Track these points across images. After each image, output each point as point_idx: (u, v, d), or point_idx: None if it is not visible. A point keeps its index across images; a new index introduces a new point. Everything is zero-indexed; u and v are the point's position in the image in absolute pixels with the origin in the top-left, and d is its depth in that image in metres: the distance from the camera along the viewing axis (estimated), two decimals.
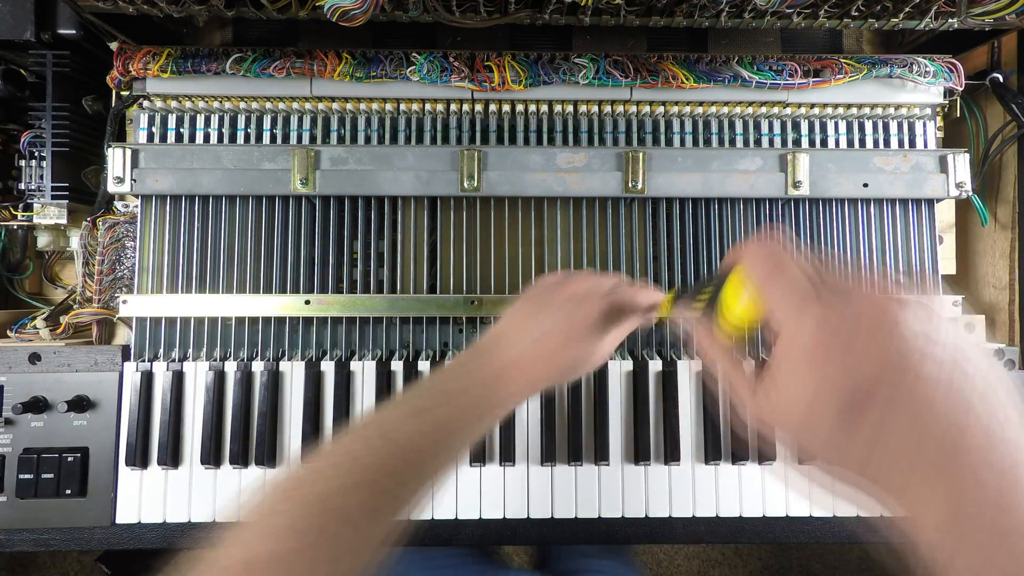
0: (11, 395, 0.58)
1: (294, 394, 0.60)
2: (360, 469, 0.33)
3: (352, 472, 0.33)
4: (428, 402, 0.39)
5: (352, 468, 0.33)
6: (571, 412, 0.60)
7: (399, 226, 0.63)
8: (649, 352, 0.63)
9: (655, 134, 0.65)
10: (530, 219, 0.64)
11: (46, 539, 0.58)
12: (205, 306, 0.61)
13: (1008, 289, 0.66)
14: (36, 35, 0.61)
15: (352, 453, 0.34)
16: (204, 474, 0.59)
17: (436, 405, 0.38)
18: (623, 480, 0.60)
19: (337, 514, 0.31)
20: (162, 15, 0.53)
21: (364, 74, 0.61)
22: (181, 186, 0.61)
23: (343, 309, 0.61)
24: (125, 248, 0.63)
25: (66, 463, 0.57)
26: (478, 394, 0.40)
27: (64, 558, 1.43)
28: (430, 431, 0.37)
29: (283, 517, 0.30)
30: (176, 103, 0.63)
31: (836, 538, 0.60)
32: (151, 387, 0.59)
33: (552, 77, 0.62)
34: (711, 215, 0.64)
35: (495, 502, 0.59)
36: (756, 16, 0.54)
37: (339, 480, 0.32)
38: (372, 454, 0.34)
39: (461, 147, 0.62)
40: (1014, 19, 0.52)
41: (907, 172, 0.63)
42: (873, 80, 0.63)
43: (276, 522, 0.30)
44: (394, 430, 0.36)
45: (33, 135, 0.63)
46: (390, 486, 0.33)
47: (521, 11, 0.54)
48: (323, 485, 0.32)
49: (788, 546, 1.48)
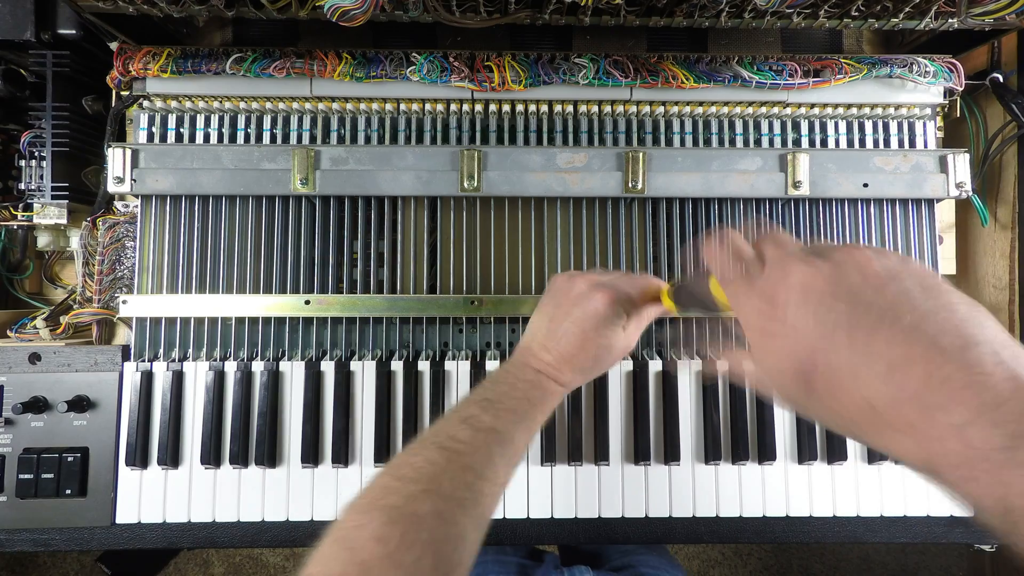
0: (11, 395, 0.58)
1: (294, 394, 0.60)
2: (425, 478, 0.36)
3: (417, 481, 0.36)
4: (476, 411, 0.41)
5: (417, 477, 0.36)
6: (571, 412, 0.60)
7: (399, 226, 0.63)
8: (649, 352, 0.63)
9: (655, 134, 0.65)
10: (530, 219, 0.64)
11: (46, 539, 0.58)
12: (205, 306, 0.61)
13: (1008, 289, 0.66)
14: (36, 35, 0.61)
15: (414, 465, 0.37)
16: (204, 474, 0.59)
17: (483, 412, 0.41)
18: (623, 480, 0.60)
19: (411, 521, 0.33)
20: (162, 15, 0.53)
21: (364, 74, 0.61)
22: (181, 186, 0.61)
23: (343, 309, 0.61)
24: (125, 248, 0.63)
25: (66, 463, 0.57)
26: (519, 399, 0.44)
27: (64, 558, 1.43)
28: (483, 436, 0.39)
29: (365, 530, 0.33)
30: (176, 103, 0.63)
31: (836, 538, 0.60)
32: (151, 387, 0.59)
33: (552, 77, 0.62)
34: (711, 215, 0.64)
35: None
36: (756, 16, 0.54)
37: (406, 490, 0.35)
38: (431, 464, 0.37)
39: (461, 147, 0.62)
40: (1014, 19, 0.52)
41: (907, 172, 0.63)
42: (873, 80, 0.63)
43: (361, 534, 0.32)
44: (448, 439, 0.39)
45: (33, 135, 0.63)
46: (452, 490, 0.36)
47: (521, 11, 0.54)
48: (393, 498, 0.35)
49: (788, 546, 1.48)
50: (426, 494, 0.35)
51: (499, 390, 0.44)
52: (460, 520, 0.35)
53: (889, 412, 0.24)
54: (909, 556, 1.46)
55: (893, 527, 0.60)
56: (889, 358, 0.24)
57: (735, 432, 0.60)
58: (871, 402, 0.25)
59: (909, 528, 0.60)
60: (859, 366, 0.25)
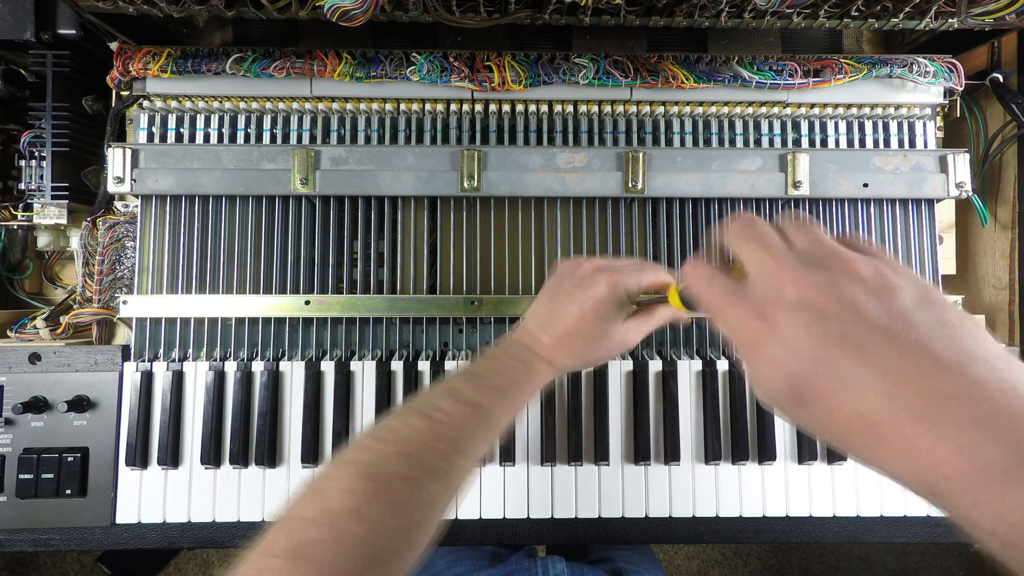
0: (11, 395, 0.58)
1: (294, 394, 0.60)
2: (402, 442, 0.37)
3: (395, 442, 0.37)
4: (462, 384, 0.42)
5: (395, 440, 0.37)
6: (571, 412, 0.60)
7: (399, 226, 0.63)
8: (649, 352, 0.63)
9: (655, 134, 0.65)
10: (530, 219, 0.64)
11: (46, 539, 0.58)
12: (205, 306, 0.61)
13: (1008, 289, 0.66)
14: (36, 35, 0.61)
15: (393, 428, 0.38)
16: (204, 474, 0.59)
17: (470, 387, 0.42)
18: (623, 480, 0.60)
19: (381, 480, 0.34)
20: (162, 15, 0.53)
21: (364, 74, 0.61)
22: (181, 186, 0.61)
23: (343, 309, 0.61)
24: (125, 248, 0.63)
25: (66, 463, 0.57)
26: (506, 376, 0.44)
27: (64, 558, 1.43)
28: (464, 409, 0.40)
29: (337, 482, 0.34)
30: (176, 103, 0.63)
31: (836, 538, 0.60)
32: (151, 387, 0.59)
33: (552, 77, 0.62)
34: (711, 215, 0.64)
35: (495, 502, 0.59)
36: (756, 16, 0.54)
37: (383, 450, 0.36)
38: (410, 428, 0.38)
39: (461, 147, 0.62)
40: (1014, 19, 0.52)
41: (907, 172, 0.63)
42: (873, 80, 0.63)
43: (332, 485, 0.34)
44: (430, 407, 0.39)
45: (33, 135, 0.63)
46: (426, 457, 0.37)
47: (521, 11, 0.54)
48: (369, 455, 0.36)
49: (788, 546, 1.48)
50: (400, 456, 0.36)
51: (488, 365, 0.44)
52: (429, 487, 0.36)
53: (886, 428, 0.24)
54: (909, 556, 1.46)
55: (893, 527, 0.60)
56: (887, 373, 0.24)
57: (735, 432, 0.60)
58: (867, 418, 0.24)
59: (909, 528, 0.60)
60: (855, 381, 0.24)
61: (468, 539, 0.60)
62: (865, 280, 0.27)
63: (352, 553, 0.32)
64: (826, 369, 0.25)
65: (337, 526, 0.32)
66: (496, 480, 0.60)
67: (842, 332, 0.25)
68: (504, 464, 0.59)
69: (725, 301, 0.30)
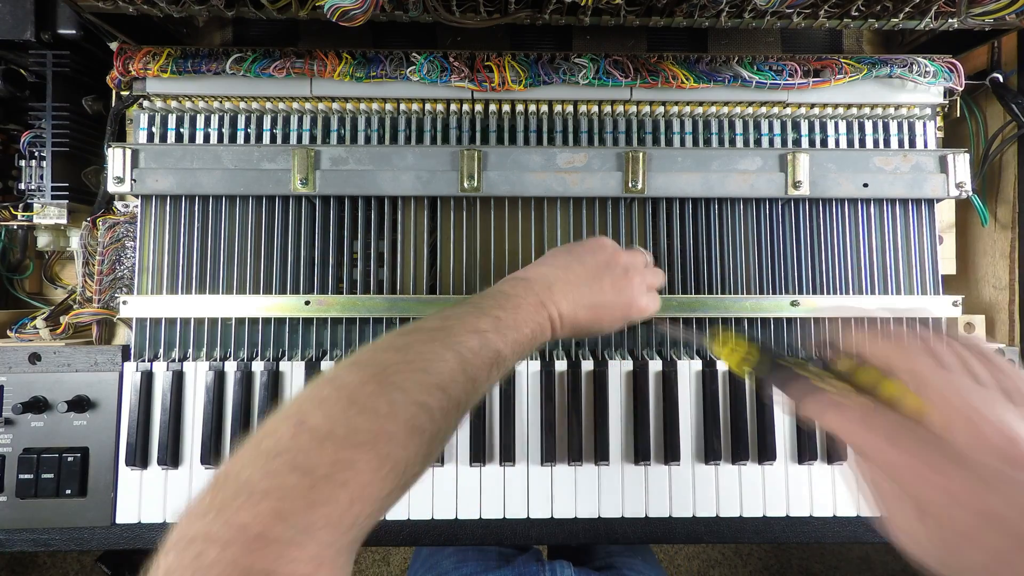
0: (11, 395, 0.58)
1: (294, 394, 0.60)
2: (435, 373, 0.36)
3: (431, 373, 0.37)
4: (488, 325, 0.41)
5: (429, 369, 0.37)
6: (571, 412, 0.60)
7: (399, 226, 0.63)
8: (649, 352, 0.63)
9: (655, 134, 0.65)
10: (530, 219, 0.64)
11: (46, 539, 0.58)
12: (205, 306, 0.61)
13: (1008, 289, 0.66)
14: (36, 35, 0.61)
15: (427, 358, 0.37)
16: (204, 474, 0.59)
17: (494, 332, 0.41)
18: (623, 480, 0.60)
19: (392, 384, 0.35)
20: (162, 15, 0.53)
21: (364, 74, 0.61)
22: (181, 186, 0.61)
23: (343, 309, 0.61)
24: (125, 248, 0.63)
25: (66, 463, 0.57)
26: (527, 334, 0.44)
27: (64, 558, 1.43)
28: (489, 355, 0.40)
29: (352, 374, 0.35)
30: (176, 103, 0.63)
31: (836, 538, 0.60)
32: (151, 387, 0.59)
33: (552, 77, 0.62)
34: (711, 215, 0.64)
35: (495, 502, 0.59)
36: (756, 16, 0.54)
37: (421, 380, 0.36)
38: (443, 362, 0.37)
39: (461, 147, 0.62)
40: (1014, 19, 0.52)
41: (907, 172, 0.63)
42: (873, 80, 0.63)
43: (351, 377, 0.35)
44: (459, 344, 0.39)
45: (33, 135, 0.63)
46: (455, 391, 0.37)
47: (521, 11, 0.54)
48: (385, 356, 0.37)
49: (788, 546, 1.48)
50: (436, 389, 0.36)
51: (514, 317, 0.44)
52: (451, 419, 0.37)
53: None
54: None
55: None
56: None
57: (735, 432, 0.60)
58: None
59: None
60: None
61: (468, 539, 0.60)
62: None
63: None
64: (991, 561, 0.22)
65: (359, 402, 0.33)
66: (496, 480, 0.60)
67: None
68: (504, 464, 0.59)
69: (899, 450, 0.25)
